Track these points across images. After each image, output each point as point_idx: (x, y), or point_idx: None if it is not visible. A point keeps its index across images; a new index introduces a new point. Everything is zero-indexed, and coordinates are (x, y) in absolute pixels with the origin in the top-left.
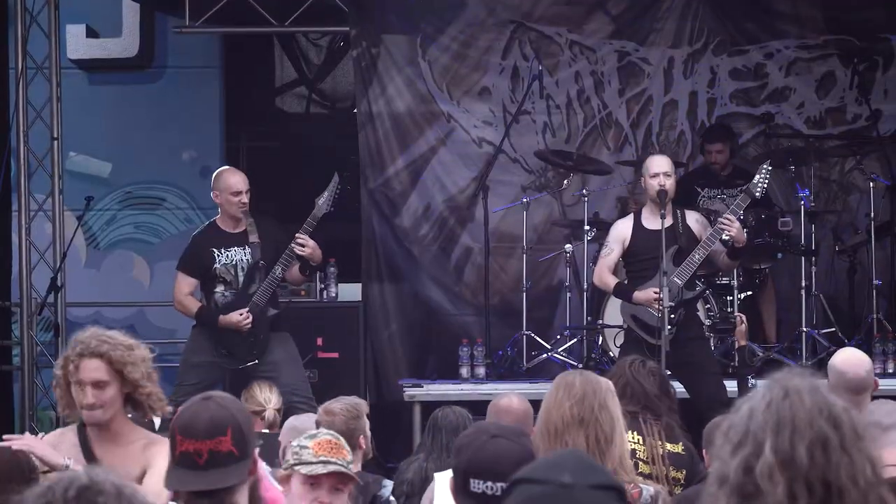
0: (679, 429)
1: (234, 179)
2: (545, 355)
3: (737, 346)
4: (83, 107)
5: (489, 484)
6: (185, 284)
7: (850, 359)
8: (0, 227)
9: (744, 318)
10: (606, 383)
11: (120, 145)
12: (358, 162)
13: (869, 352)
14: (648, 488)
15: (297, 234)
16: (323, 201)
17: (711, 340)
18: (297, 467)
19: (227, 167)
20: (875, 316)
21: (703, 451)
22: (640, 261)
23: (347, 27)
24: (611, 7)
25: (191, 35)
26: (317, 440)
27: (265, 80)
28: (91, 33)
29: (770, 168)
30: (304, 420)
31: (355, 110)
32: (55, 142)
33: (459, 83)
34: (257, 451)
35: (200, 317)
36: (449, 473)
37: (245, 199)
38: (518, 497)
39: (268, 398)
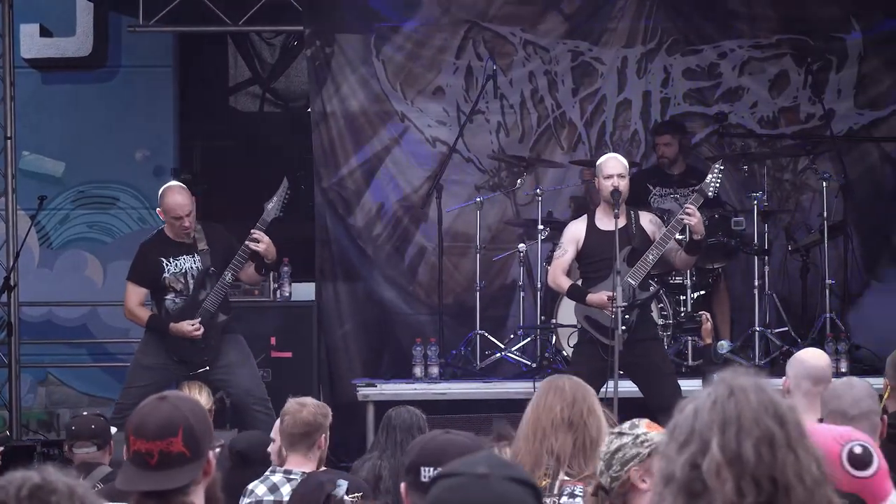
0: None
1: (176, 203)
2: (499, 355)
3: (702, 344)
4: (36, 106)
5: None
6: (135, 295)
7: (812, 351)
8: None
9: (709, 316)
10: (592, 389)
11: (73, 145)
12: (312, 161)
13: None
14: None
15: (251, 231)
16: (272, 206)
17: (665, 340)
18: None
19: (172, 185)
20: (828, 315)
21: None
22: (593, 262)
23: (301, 26)
24: (565, 6)
25: (144, 34)
26: None
27: (219, 79)
28: (45, 32)
29: (722, 167)
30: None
31: (309, 109)
32: (8, 141)
33: (413, 83)
34: (215, 451)
35: (151, 325)
36: None
37: (187, 222)
38: (436, 490)
39: (196, 399)
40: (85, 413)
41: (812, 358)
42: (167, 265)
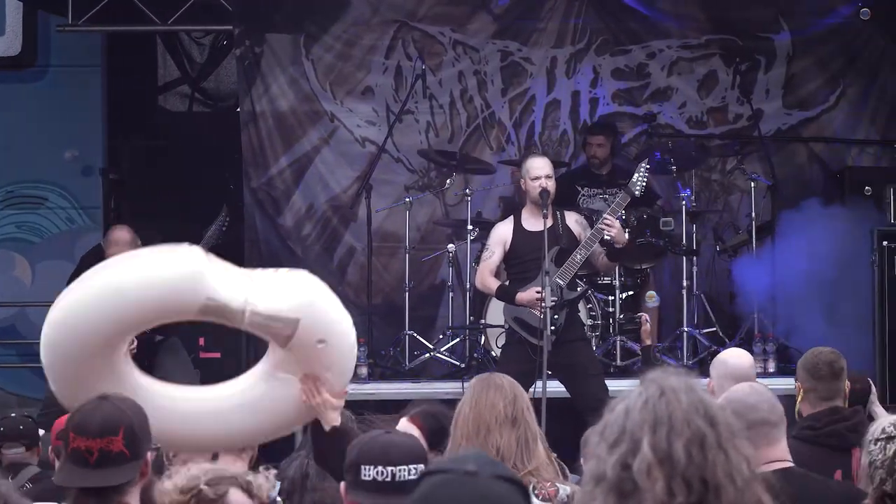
0: None
1: (118, 244)
2: (428, 355)
3: (642, 345)
4: None
5: (379, 469)
6: None
7: (735, 351)
8: None
9: (648, 317)
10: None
11: (1, 144)
12: (241, 160)
13: (749, 351)
14: (565, 487)
15: None
16: (210, 234)
17: (594, 341)
18: None
19: (117, 229)
20: (756, 315)
21: (582, 456)
22: (521, 262)
23: (231, 26)
24: (494, 6)
25: (74, 34)
26: None
27: (148, 78)
28: None
29: (648, 166)
30: None
31: (238, 109)
32: None
33: (343, 82)
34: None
35: None
36: None
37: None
38: (424, 487)
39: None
40: (13, 414)
41: (734, 358)
42: None
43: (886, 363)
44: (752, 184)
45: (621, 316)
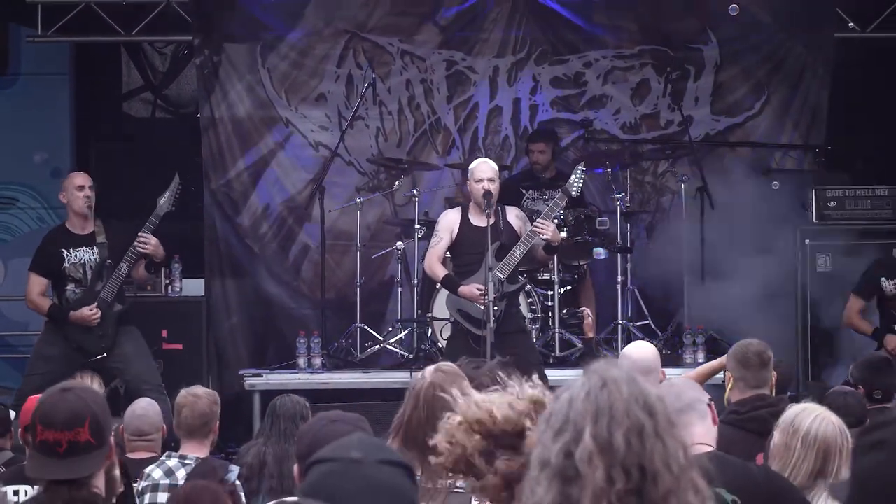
0: None
1: (78, 178)
2: (378, 346)
3: (585, 337)
4: None
5: None
6: (37, 285)
7: (638, 344)
8: None
9: (590, 311)
10: None
11: None
12: (201, 163)
13: (680, 343)
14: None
15: (139, 233)
16: (164, 201)
17: (533, 333)
18: None
19: (75, 174)
20: (686, 309)
21: None
22: (465, 254)
23: (191, 36)
24: (440, 18)
25: (43, 44)
26: None
27: (113, 86)
28: None
29: (584, 168)
30: (142, 405)
31: (198, 115)
32: None
33: (297, 90)
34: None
35: (52, 314)
36: None
37: (89, 192)
38: (311, 477)
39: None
40: None
41: (637, 352)
42: (67, 256)
43: (808, 351)
44: (683, 185)
45: (564, 311)
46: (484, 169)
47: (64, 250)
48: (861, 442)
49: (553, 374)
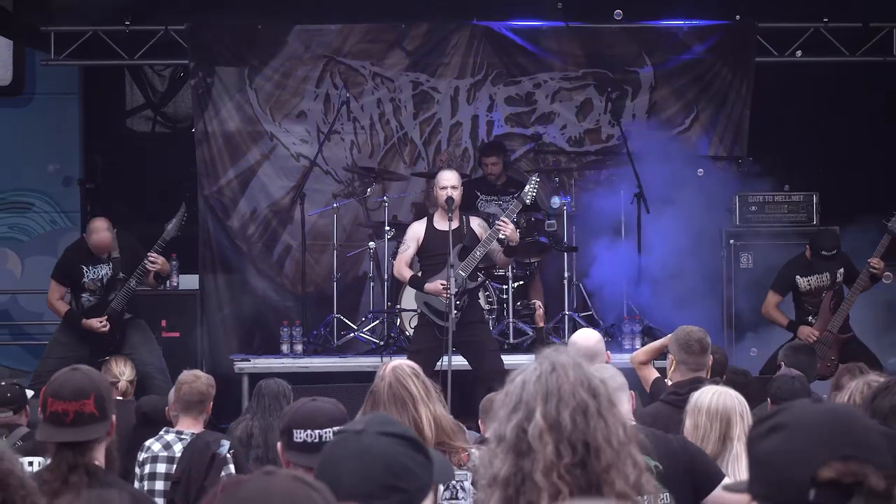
0: None
1: (102, 240)
2: (352, 334)
3: (536, 326)
4: None
5: (308, 432)
6: (57, 291)
7: (583, 332)
8: None
9: (540, 304)
10: None
11: None
12: (195, 173)
13: (619, 331)
14: (475, 452)
15: (149, 254)
16: (171, 226)
17: (490, 322)
18: None
19: (99, 224)
20: (626, 302)
21: (479, 420)
22: (432, 255)
23: (186, 60)
24: (406, 44)
25: (55, 66)
26: None
27: (117, 104)
28: None
29: (538, 179)
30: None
31: (193, 130)
32: None
33: (280, 107)
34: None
35: (68, 318)
36: None
37: (109, 235)
38: (326, 447)
39: (122, 371)
40: (3, 383)
41: (583, 339)
42: (87, 271)
43: (733, 338)
44: (622, 191)
45: (518, 303)
46: (448, 177)
47: (84, 266)
48: (759, 427)
49: (508, 359)
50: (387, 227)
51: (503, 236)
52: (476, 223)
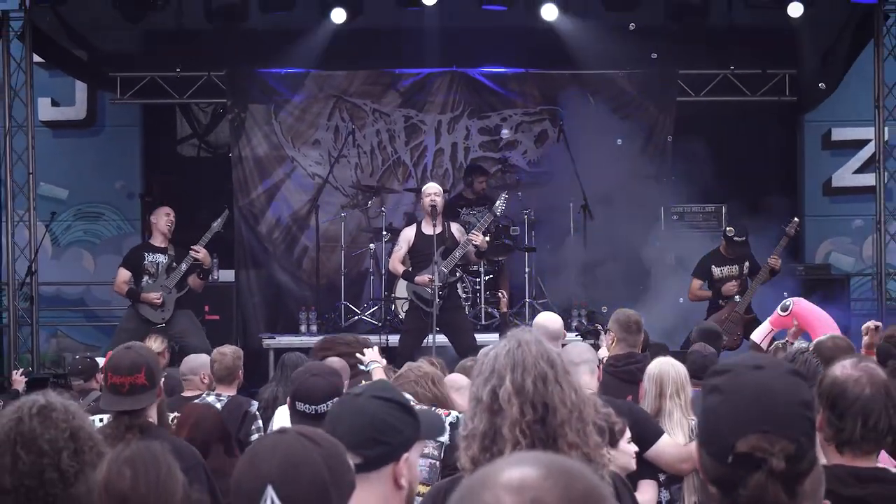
0: None
1: (166, 209)
2: (356, 317)
3: (501, 311)
4: (49, 152)
5: (307, 406)
6: (123, 276)
7: (546, 315)
8: None
9: (505, 293)
10: None
11: (73, 178)
12: (232, 189)
13: (568, 314)
14: (457, 413)
15: (195, 246)
16: (216, 224)
17: (466, 308)
18: None
19: (164, 206)
20: (573, 290)
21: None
22: (420, 255)
23: (225, 99)
24: (399, 87)
25: (120, 104)
26: None
27: (170, 134)
28: (54, 103)
29: (507, 196)
30: (192, 358)
31: (230, 154)
32: (30, 176)
33: (299, 137)
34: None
35: (129, 294)
36: (285, 409)
37: (172, 219)
38: (331, 407)
39: (152, 345)
40: (77, 356)
41: (547, 321)
42: (147, 257)
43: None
44: (570, 203)
45: (488, 293)
46: (431, 187)
47: (145, 253)
48: (706, 381)
49: (479, 337)
50: (384, 232)
51: (474, 245)
52: (455, 228)
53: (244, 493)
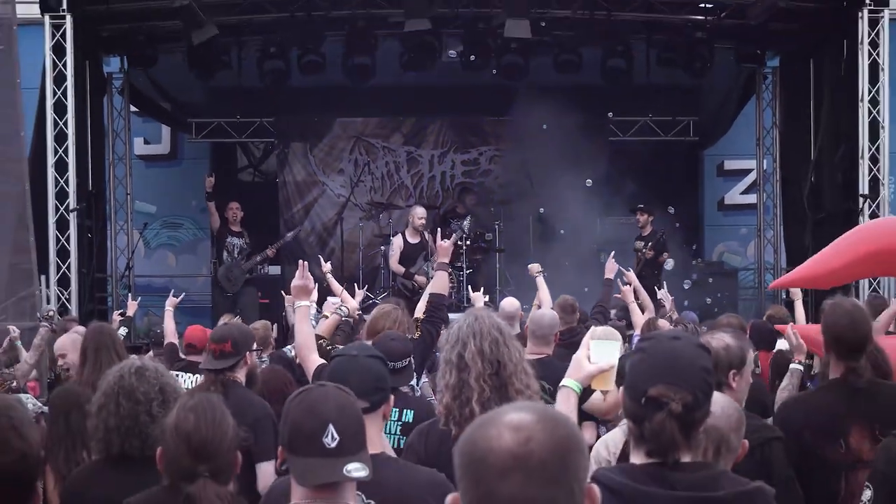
0: None
1: (234, 204)
2: (371, 301)
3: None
4: (142, 178)
5: (390, 363)
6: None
7: (508, 300)
8: (102, 238)
9: (482, 289)
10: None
11: (160, 197)
12: (279, 206)
13: (530, 300)
14: (423, 379)
15: (269, 246)
16: (290, 235)
17: (451, 294)
18: None
19: (234, 202)
20: (533, 282)
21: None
22: (407, 258)
23: (273, 139)
24: (403, 129)
25: (195, 142)
26: None
27: (231, 164)
28: (146, 142)
29: (472, 218)
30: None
31: (277, 180)
32: (128, 196)
33: (328, 167)
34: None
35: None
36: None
37: (237, 212)
38: (330, 364)
39: (223, 320)
40: (159, 330)
41: (506, 304)
42: (230, 238)
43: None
44: (530, 216)
45: (469, 286)
46: (418, 211)
47: (229, 236)
48: (637, 344)
49: (454, 315)
50: (392, 238)
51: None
52: (428, 236)
53: (305, 433)
